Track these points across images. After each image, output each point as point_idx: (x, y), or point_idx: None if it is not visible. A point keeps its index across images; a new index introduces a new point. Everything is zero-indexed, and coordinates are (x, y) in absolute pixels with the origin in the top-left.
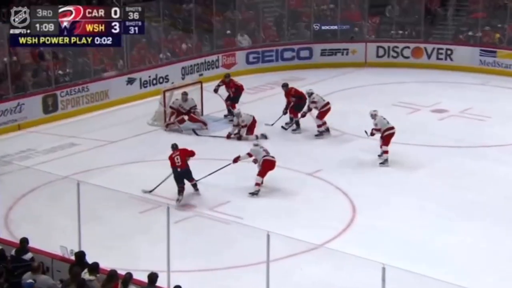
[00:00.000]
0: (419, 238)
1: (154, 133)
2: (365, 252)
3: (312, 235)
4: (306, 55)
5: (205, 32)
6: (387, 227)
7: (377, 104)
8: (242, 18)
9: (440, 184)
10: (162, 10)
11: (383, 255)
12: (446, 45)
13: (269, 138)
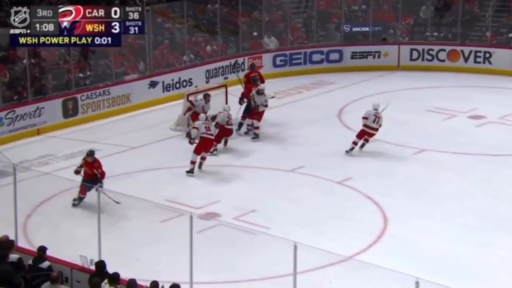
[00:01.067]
0: (453, 252)
1: (176, 138)
2: (396, 265)
3: (341, 247)
4: (336, 58)
5: (231, 34)
6: (420, 239)
7: (410, 109)
8: (269, 19)
9: (477, 195)
10: (186, 11)
11: (415, 269)
12: (485, 48)
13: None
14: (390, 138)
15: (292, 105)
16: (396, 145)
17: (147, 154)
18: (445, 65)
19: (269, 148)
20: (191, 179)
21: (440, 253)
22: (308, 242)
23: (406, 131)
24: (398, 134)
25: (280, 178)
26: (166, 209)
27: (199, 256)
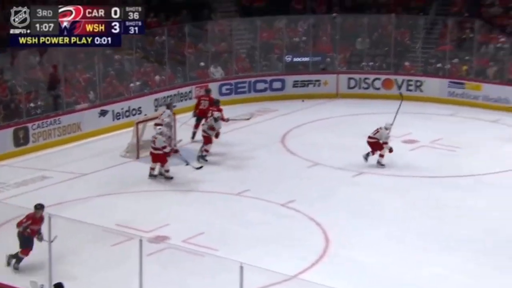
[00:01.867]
0: (393, 270)
1: (126, 165)
2: (338, 283)
3: (286, 266)
4: (278, 86)
5: (178, 64)
6: (360, 258)
7: (349, 134)
8: (215, 50)
9: (415, 215)
10: (135, 42)
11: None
12: (416, 77)
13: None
14: (331, 162)
15: (237, 131)
16: (336, 169)
17: (98, 180)
18: (380, 92)
19: (216, 172)
20: (141, 204)
21: (381, 272)
22: (254, 263)
23: (345, 155)
24: (338, 158)
25: (228, 202)
26: (116, 233)
27: (149, 278)
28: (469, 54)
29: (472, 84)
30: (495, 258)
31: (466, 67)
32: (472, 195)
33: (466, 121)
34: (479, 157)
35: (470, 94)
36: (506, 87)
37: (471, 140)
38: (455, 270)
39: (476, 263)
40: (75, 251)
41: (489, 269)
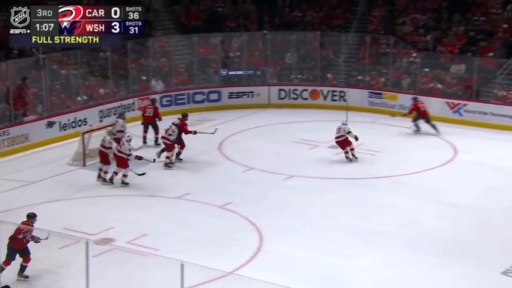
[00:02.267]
0: (323, 264)
1: (73, 172)
2: (272, 277)
3: (223, 263)
4: (215, 98)
5: (121, 78)
6: (293, 254)
7: (280, 141)
8: (156, 65)
9: (339, 213)
10: (80, 58)
11: (289, 281)
12: (340, 88)
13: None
14: (264, 166)
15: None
16: (270, 173)
17: (46, 188)
18: (308, 102)
19: (158, 177)
20: (87, 209)
21: (310, 265)
22: (195, 261)
23: (277, 160)
24: (270, 163)
25: (169, 205)
26: (63, 237)
27: (96, 279)
28: (385, 68)
29: (389, 94)
30: (410, 250)
31: (383, 79)
32: (389, 194)
33: (384, 127)
34: (396, 160)
35: (388, 103)
36: (418, 97)
37: (389, 144)
38: (375, 261)
39: (394, 255)
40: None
41: (403, 260)
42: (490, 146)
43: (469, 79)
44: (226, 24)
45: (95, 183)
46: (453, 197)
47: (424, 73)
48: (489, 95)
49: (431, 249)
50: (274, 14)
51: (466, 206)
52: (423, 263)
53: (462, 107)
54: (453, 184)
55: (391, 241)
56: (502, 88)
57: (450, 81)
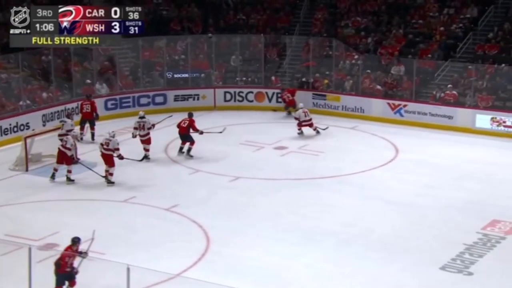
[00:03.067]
0: (269, 264)
1: (16, 177)
2: (219, 279)
3: (171, 266)
4: (160, 100)
5: (65, 82)
6: (240, 255)
7: (226, 142)
8: (100, 68)
9: (284, 213)
10: (21, 61)
11: (237, 281)
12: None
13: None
14: (210, 168)
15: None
16: (215, 174)
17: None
18: (253, 104)
19: (103, 181)
20: (30, 214)
21: (257, 265)
22: (142, 264)
23: (223, 162)
24: (217, 164)
25: (115, 208)
26: (5, 243)
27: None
28: (329, 69)
29: (333, 96)
30: (353, 248)
31: (327, 81)
32: (333, 193)
33: (329, 128)
34: (339, 160)
35: (331, 105)
36: (361, 98)
37: (333, 145)
38: (320, 260)
39: (337, 252)
40: None
41: (347, 257)
42: (429, 145)
43: (409, 80)
44: (170, 27)
45: (39, 188)
46: (394, 195)
47: (366, 74)
48: (427, 96)
49: (373, 246)
50: (218, 17)
51: (406, 203)
52: (365, 259)
53: (403, 107)
54: (394, 182)
55: (335, 239)
56: (439, 89)
57: (391, 83)
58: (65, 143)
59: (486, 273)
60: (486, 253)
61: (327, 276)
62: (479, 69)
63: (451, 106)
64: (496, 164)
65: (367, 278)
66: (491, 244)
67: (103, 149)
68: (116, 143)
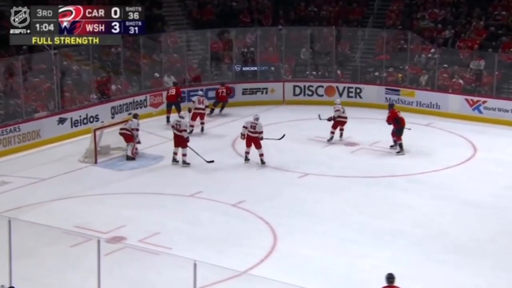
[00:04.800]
0: (337, 264)
1: (85, 169)
2: (285, 277)
3: (237, 263)
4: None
5: (133, 74)
6: (307, 254)
7: (295, 138)
8: (168, 61)
9: (353, 213)
10: (91, 53)
11: (303, 280)
12: (356, 84)
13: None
14: (278, 164)
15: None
16: (283, 171)
17: (57, 185)
18: (323, 99)
19: (170, 175)
20: (98, 207)
21: (324, 265)
22: (207, 260)
23: (292, 158)
24: (285, 160)
25: (181, 203)
26: (75, 235)
27: (107, 278)
28: (403, 63)
29: (407, 91)
30: (424, 250)
31: (401, 75)
32: (406, 193)
33: None
34: (412, 158)
35: (405, 100)
36: (437, 93)
37: (406, 142)
38: (389, 261)
39: (408, 254)
40: (35, 253)
41: (419, 259)
42: (510, 144)
43: (489, 75)
44: (239, 19)
45: (107, 180)
46: (471, 196)
47: (443, 69)
48: (509, 92)
49: (447, 248)
50: (289, 9)
51: (484, 205)
52: (438, 262)
53: (482, 104)
54: (471, 182)
55: (406, 240)
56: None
57: (469, 78)
58: (178, 127)
59: None
60: None
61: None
62: None
63: None
64: None
65: (440, 282)
66: None
67: (250, 132)
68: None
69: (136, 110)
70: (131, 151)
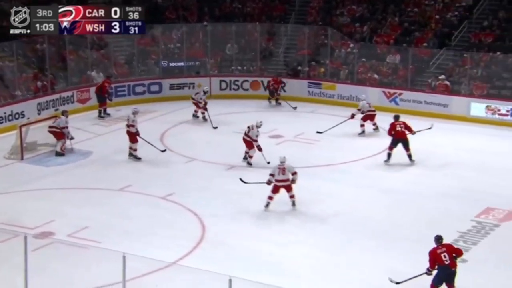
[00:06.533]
0: (264, 252)
1: (11, 166)
2: (214, 267)
3: (167, 254)
4: (156, 89)
5: (60, 70)
6: (234, 243)
7: (221, 132)
8: (96, 57)
9: (281, 202)
10: (16, 50)
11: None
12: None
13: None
14: (206, 157)
15: (118, 132)
16: (211, 163)
17: None
18: (248, 93)
19: (99, 170)
20: (26, 203)
21: (252, 253)
22: (137, 253)
23: (218, 151)
24: (212, 153)
25: (110, 197)
26: (1, 231)
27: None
28: (324, 58)
29: (328, 85)
30: (347, 236)
31: (323, 69)
32: (328, 182)
33: (324, 117)
34: (334, 149)
35: (327, 93)
36: (356, 86)
37: (330, 133)
38: (314, 248)
39: (331, 240)
40: None
41: (342, 245)
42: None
43: (404, 68)
44: (166, 16)
45: (34, 176)
46: (389, 184)
47: (361, 63)
48: (423, 84)
49: (367, 233)
50: (214, 5)
51: (401, 191)
52: (361, 247)
53: (398, 96)
54: (388, 171)
55: (329, 227)
56: (435, 78)
57: (386, 71)
58: (127, 122)
59: (480, 261)
60: (480, 240)
61: (323, 264)
62: (474, 57)
63: (446, 94)
64: (491, 152)
65: (363, 266)
66: (485, 232)
67: (245, 135)
68: (255, 134)
69: (63, 107)
70: (60, 147)
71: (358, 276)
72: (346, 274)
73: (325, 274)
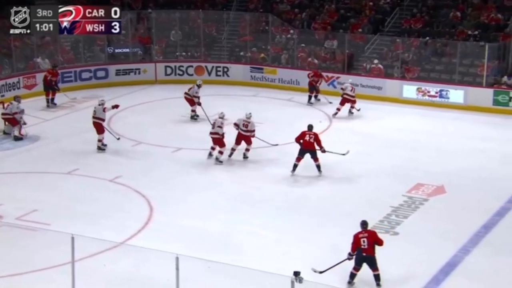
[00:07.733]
0: (212, 231)
1: None
2: (163, 246)
3: (115, 235)
4: (102, 75)
5: (5, 57)
6: (182, 223)
7: (167, 116)
8: (41, 43)
9: (228, 182)
10: None
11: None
12: (223, 64)
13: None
14: (152, 140)
15: (66, 117)
16: (157, 146)
17: None
18: (193, 78)
19: (47, 153)
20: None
21: (199, 232)
22: (86, 234)
23: (164, 134)
24: (159, 136)
25: (58, 180)
26: None
27: None
28: (265, 44)
29: (269, 69)
30: (291, 214)
31: (263, 55)
32: (270, 162)
33: (266, 100)
34: (278, 131)
35: (268, 78)
36: (296, 71)
37: (272, 116)
38: (262, 226)
39: (277, 219)
40: None
41: (286, 223)
42: (360, 114)
43: (341, 53)
44: (110, 3)
45: None
46: (328, 163)
47: (301, 48)
48: (358, 68)
49: (310, 212)
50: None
51: (339, 170)
52: (304, 224)
53: (336, 79)
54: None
55: (274, 206)
56: (370, 61)
57: (324, 56)
58: (94, 113)
59: (411, 233)
60: (411, 214)
61: (267, 242)
62: (406, 42)
63: (380, 77)
64: (422, 131)
65: (306, 243)
66: (415, 206)
67: (242, 131)
68: (253, 126)
69: (10, 93)
70: (18, 131)
71: (300, 253)
72: (289, 251)
73: (268, 251)
